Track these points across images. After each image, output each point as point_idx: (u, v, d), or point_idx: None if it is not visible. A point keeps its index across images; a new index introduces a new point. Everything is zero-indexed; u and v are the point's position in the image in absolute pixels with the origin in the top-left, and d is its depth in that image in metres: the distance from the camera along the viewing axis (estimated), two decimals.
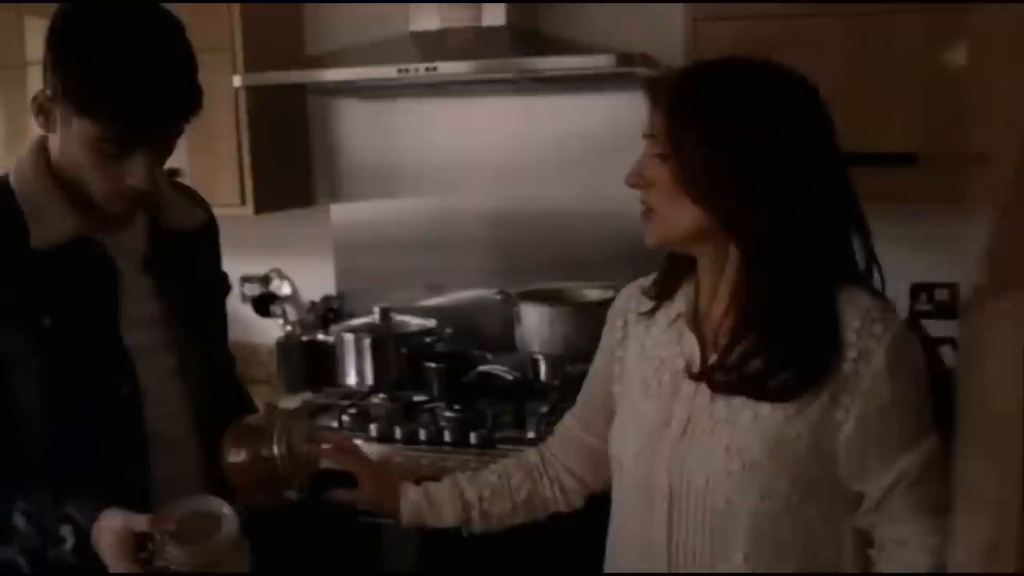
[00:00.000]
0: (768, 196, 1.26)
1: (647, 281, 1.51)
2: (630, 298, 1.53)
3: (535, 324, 2.68)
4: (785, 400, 1.27)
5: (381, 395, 2.74)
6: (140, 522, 1.31)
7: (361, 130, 3.10)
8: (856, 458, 1.28)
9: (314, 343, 2.93)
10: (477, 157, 3.00)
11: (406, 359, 2.79)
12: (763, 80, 1.31)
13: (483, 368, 2.66)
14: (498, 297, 2.80)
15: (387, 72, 2.47)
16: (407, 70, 2.41)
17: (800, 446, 1.27)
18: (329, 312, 3.09)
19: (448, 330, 2.90)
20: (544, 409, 2.52)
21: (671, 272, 1.45)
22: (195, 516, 1.35)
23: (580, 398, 1.66)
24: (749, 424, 1.29)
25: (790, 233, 1.26)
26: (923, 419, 1.30)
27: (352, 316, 3.04)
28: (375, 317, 2.86)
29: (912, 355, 1.29)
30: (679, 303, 1.43)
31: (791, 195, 1.26)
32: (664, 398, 1.38)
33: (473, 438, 2.42)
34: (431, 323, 2.88)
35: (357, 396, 2.73)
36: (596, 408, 1.58)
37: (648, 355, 1.44)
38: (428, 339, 2.85)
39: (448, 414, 2.56)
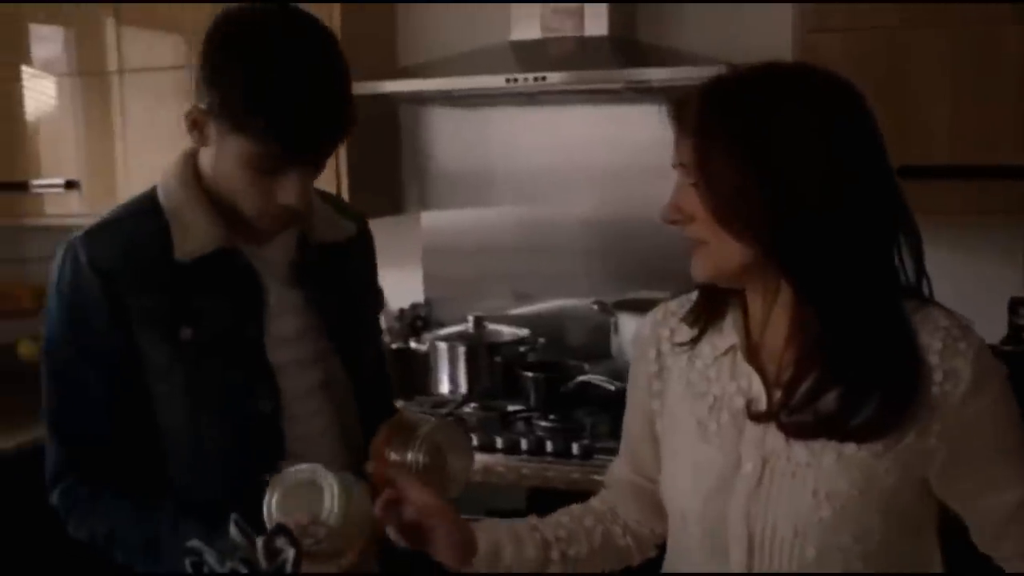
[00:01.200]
0: (815, 223, 1.14)
1: (677, 305, 1.38)
2: (660, 324, 1.39)
3: (633, 334, 2.67)
4: (872, 439, 1.16)
5: (474, 404, 2.74)
6: None
7: (451, 138, 3.11)
8: (959, 483, 1.20)
9: (404, 351, 2.93)
10: (568, 165, 3.00)
11: (500, 368, 2.79)
12: (801, 94, 1.17)
13: (583, 377, 2.66)
14: (595, 307, 2.79)
15: (495, 82, 2.47)
16: (515, 80, 2.41)
17: (890, 480, 1.17)
18: (417, 320, 3.10)
19: (541, 339, 2.90)
20: None
21: (713, 298, 1.31)
22: (298, 488, 1.28)
23: (623, 443, 1.48)
24: (834, 465, 1.17)
25: (845, 258, 1.15)
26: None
27: (440, 324, 3.04)
28: (468, 325, 2.87)
29: (999, 369, 1.20)
30: (728, 334, 1.29)
31: (841, 218, 1.14)
32: (728, 440, 1.25)
33: (575, 448, 2.41)
34: (524, 332, 2.88)
35: (451, 405, 2.74)
36: (644, 450, 1.42)
37: (697, 391, 1.30)
38: (521, 348, 2.85)
39: (545, 424, 2.56)
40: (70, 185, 3.17)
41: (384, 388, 1.80)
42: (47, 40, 3.16)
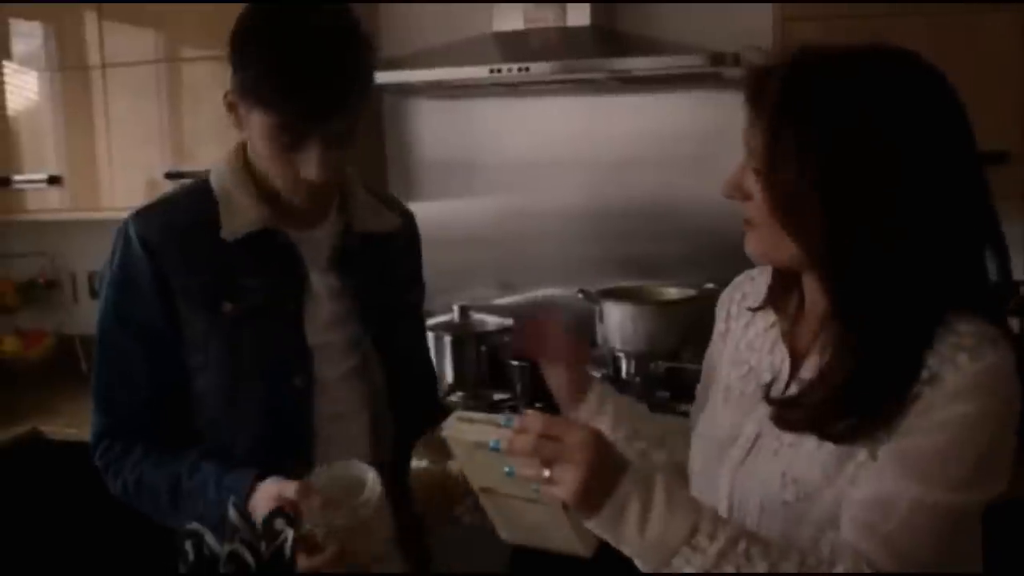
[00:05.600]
0: (870, 249, 1.08)
1: (759, 271, 1.37)
2: (736, 288, 1.42)
3: (618, 322, 2.70)
4: (851, 442, 1.11)
5: (460, 393, 2.76)
6: (290, 488, 1.33)
7: (435, 129, 3.12)
8: (885, 464, 1.10)
9: None
10: (552, 155, 3.01)
11: (486, 357, 2.81)
12: (891, 101, 1.08)
13: None
14: (580, 296, 2.81)
15: (479, 73, 2.49)
16: (499, 70, 2.43)
17: (861, 475, 1.12)
18: None
19: None
20: None
21: (782, 277, 1.29)
22: (341, 480, 1.35)
23: (698, 389, 1.48)
24: (812, 452, 1.15)
25: (891, 291, 1.09)
26: (975, 463, 1.07)
27: (426, 314, 3.04)
28: (453, 315, 2.88)
29: (998, 394, 1.08)
30: (782, 305, 1.30)
31: (902, 252, 1.08)
32: (741, 411, 1.27)
33: None
34: (509, 321, 2.90)
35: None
36: (702, 399, 1.45)
37: (740, 358, 1.33)
38: (507, 337, 2.86)
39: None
40: (53, 180, 3.16)
41: (426, 385, 1.85)
42: (29, 35, 3.15)
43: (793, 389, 1.21)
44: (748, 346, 1.33)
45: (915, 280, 1.09)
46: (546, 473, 1.05)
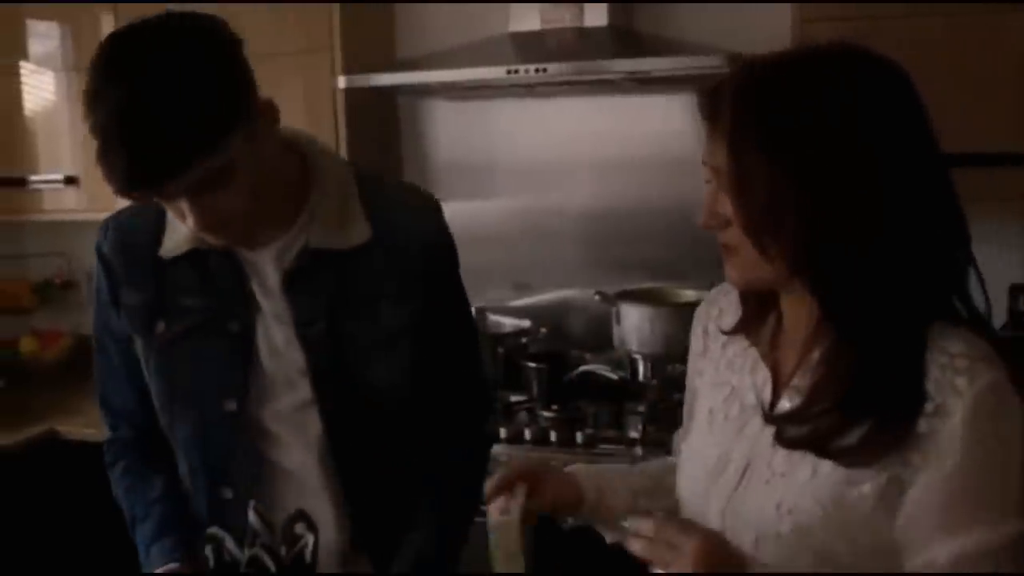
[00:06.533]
0: (850, 251, 1.07)
1: (732, 288, 1.30)
2: (711, 303, 1.37)
3: (635, 324, 2.68)
4: (852, 464, 1.09)
5: None
6: None
7: (452, 130, 3.11)
8: (917, 526, 1.08)
9: None
10: (568, 156, 3.00)
11: (502, 359, 2.80)
12: (848, 101, 1.06)
13: (585, 368, 2.67)
14: (596, 297, 2.80)
15: (495, 73, 2.48)
16: (516, 71, 2.42)
17: (862, 507, 1.09)
18: None
19: (543, 330, 2.91)
20: (642, 408, 2.53)
21: (757, 303, 1.25)
22: None
23: (684, 412, 1.44)
24: (806, 482, 1.12)
25: (877, 289, 1.08)
26: (1008, 493, 1.07)
27: None
28: None
29: (1000, 416, 1.07)
30: (758, 325, 1.27)
31: (881, 248, 1.07)
32: (727, 436, 1.23)
33: (579, 438, 2.43)
34: (526, 323, 2.89)
35: None
36: (688, 425, 1.41)
37: (721, 379, 1.29)
38: (523, 339, 2.86)
39: (547, 414, 2.57)
40: (69, 181, 3.16)
41: (449, 410, 1.59)
42: (46, 36, 3.15)
43: (784, 407, 1.18)
44: (728, 366, 1.29)
45: (900, 278, 1.08)
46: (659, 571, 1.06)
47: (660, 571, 1.07)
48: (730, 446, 1.22)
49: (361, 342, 1.46)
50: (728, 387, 1.27)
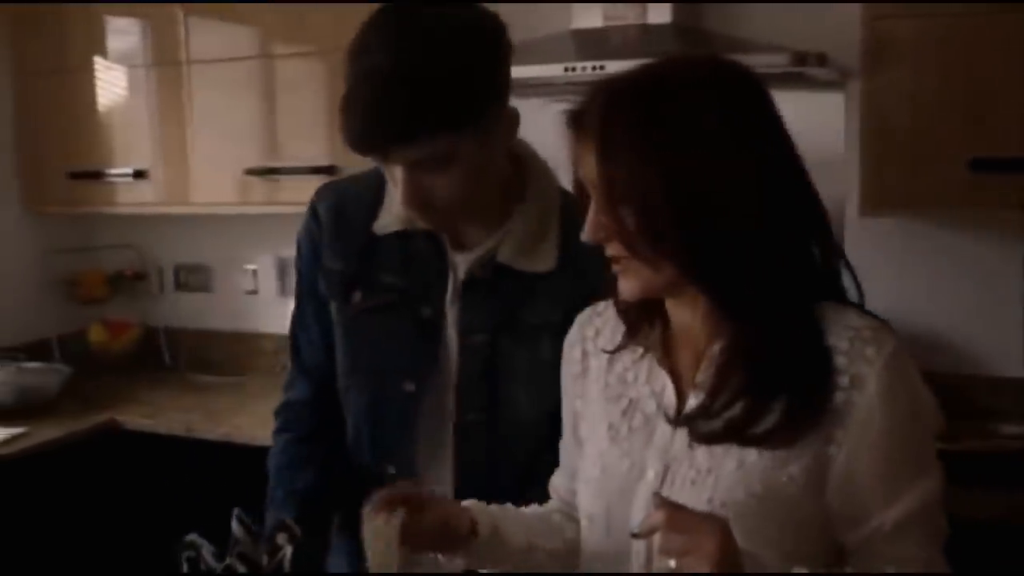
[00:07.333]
0: (729, 238, 1.08)
1: (604, 305, 1.31)
2: (586, 325, 1.33)
3: None
4: (775, 446, 1.10)
5: None
6: None
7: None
8: (849, 497, 1.11)
9: None
10: None
11: None
12: (710, 101, 1.09)
13: None
14: None
15: (553, 71, 2.43)
16: (574, 69, 2.38)
17: (791, 489, 1.11)
18: None
19: None
20: None
21: (642, 311, 1.24)
22: None
23: (563, 445, 1.39)
24: (733, 473, 1.12)
25: (760, 269, 1.10)
26: (925, 450, 1.13)
27: None
28: None
29: (910, 380, 1.12)
30: (647, 337, 1.25)
31: (757, 229, 1.09)
32: (636, 445, 1.21)
33: None
34: None
35: None
36: (573, 454, 1.35)
37: (613, 394, 1.26)
38: None
39: None
40: (138, 174, 3.23)
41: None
42: (122, 32, 3.22)
43: (692, 405, 1.17)
44: (620, 380, 1.27)
45: (782, 263, 1.11)
46: (672, 564, 1.02)
47: (672, 564, 1.03)
48: (640, 456, 1.20)
49: (516, 368, 1.46)
50: (625, 400, 1.25)
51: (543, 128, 2.98)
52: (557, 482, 1.41)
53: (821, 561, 1.14)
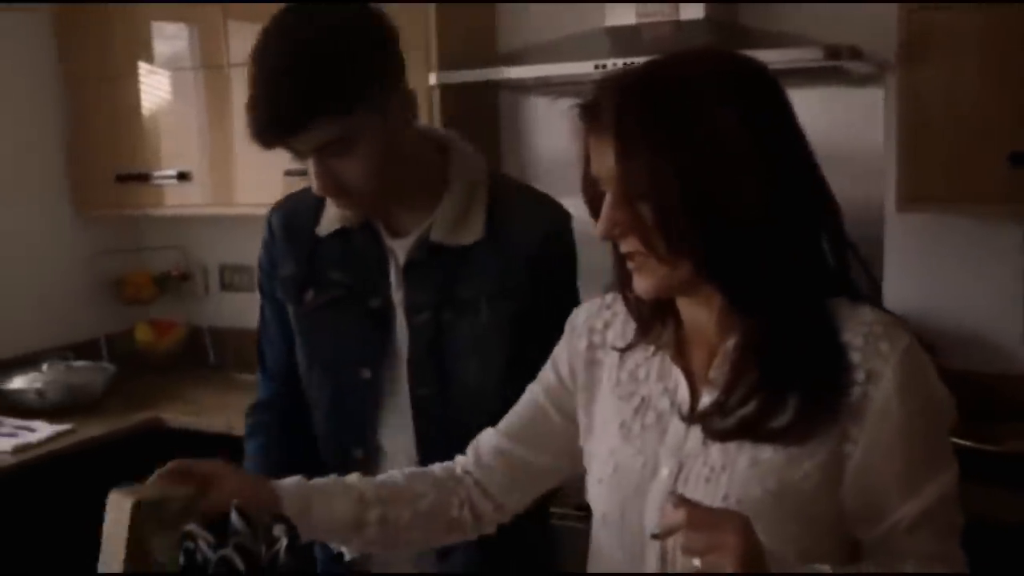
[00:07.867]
0: (745, 233, 1.08)
1: (612, 298, 1.30)
2: (594, 317, 1.32)
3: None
4: (790, 442, 1.09)
5: None
6: None
7: (548, 126, 3.08)
8: (866, 492, 1.11)
9: None
10: None
11: None
12: (726, 95, 1.08)
13: None
14: None
15: (583, 68, 2.43)
16: (604, 66, 2.37)
17: (808, 486, 1.10)
18: None
19: None
20: None
21: (655, 310, 1.23)
22: None
23: (515, 410, 1.39)
24: (748, 470, 1.11)
25: (774, 265, 1.09)
26: (942, 444, 1.13)
27: None
28: None
29: (925, 374, 1.12)
30: (660, 334, 1.24)
31: (772, 224, 1.08)
32: (648, 443, 1.20)
33: None
34: None
35: None
36: (535, 420, 1.36)
37: (625, 392, 1.25)
38: None
39: None
40: (182, 176, 3.28)
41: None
42: (166, 37, 3.28)
43: (706, 402, 1.17)
44: (631, 378, 1.26)
45: (795, 258, 1.11)
46: (696, 563, 1.00)
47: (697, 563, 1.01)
48: (653, 454, 1.19)
49: (460, 340, 1.53)
50: (637, 397, 1.24)
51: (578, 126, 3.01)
52: (486, 440, 1.39)
53: (836, 557, 1.13)
